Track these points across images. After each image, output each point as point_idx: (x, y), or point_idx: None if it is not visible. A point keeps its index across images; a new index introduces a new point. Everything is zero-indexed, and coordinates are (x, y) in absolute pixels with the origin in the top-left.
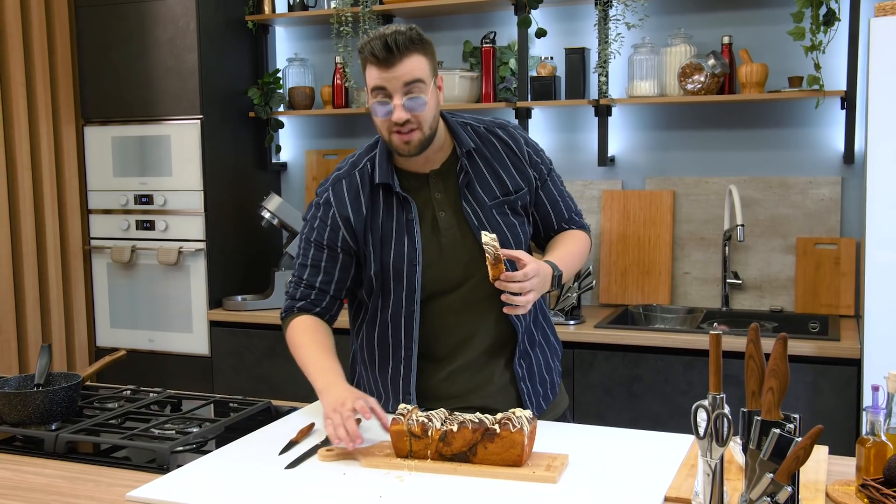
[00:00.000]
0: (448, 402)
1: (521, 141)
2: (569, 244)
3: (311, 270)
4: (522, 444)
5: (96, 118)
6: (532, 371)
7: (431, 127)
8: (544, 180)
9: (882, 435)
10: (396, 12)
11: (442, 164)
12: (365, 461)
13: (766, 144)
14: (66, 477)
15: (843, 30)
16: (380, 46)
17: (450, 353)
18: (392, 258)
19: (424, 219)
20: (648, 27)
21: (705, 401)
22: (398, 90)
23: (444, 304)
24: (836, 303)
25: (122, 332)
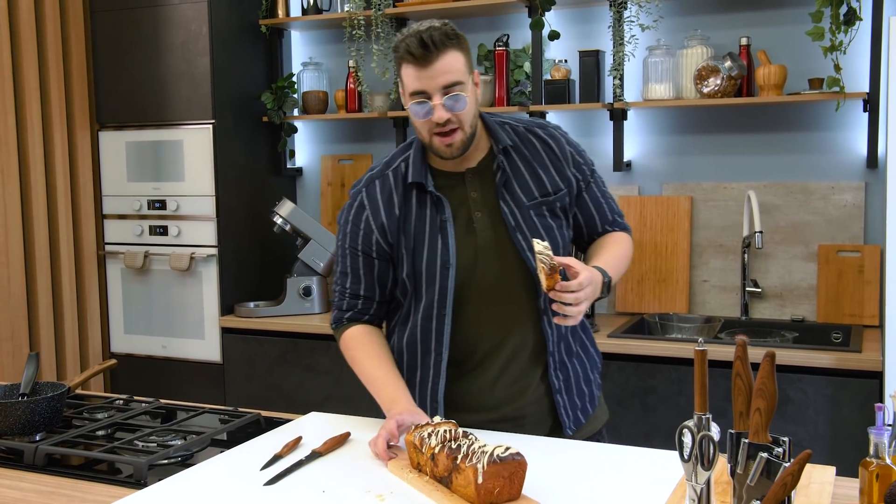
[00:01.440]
0: (479, 413)
1: (563, 141)
2: (614, 247)
3: (352, 278)
4: (474, 484)
5: (111, 123)
6: (569, 383)
7: (472, 125)
8: (587, 182)
9: (887, 458)
10: (409, 15)
11: (478, 163)
12: (391, 464)
13: (785, 148)
14: (42, 491)
15: (865, 29)
16: (415, 44)
17: (481, 361)
18: (424, 260)
19: (459, 219)
20: (663, 29)
21: (691, 421)
22: (437, 89)
23: (476, 309)
24: (860, 312)
25: (136, 338)
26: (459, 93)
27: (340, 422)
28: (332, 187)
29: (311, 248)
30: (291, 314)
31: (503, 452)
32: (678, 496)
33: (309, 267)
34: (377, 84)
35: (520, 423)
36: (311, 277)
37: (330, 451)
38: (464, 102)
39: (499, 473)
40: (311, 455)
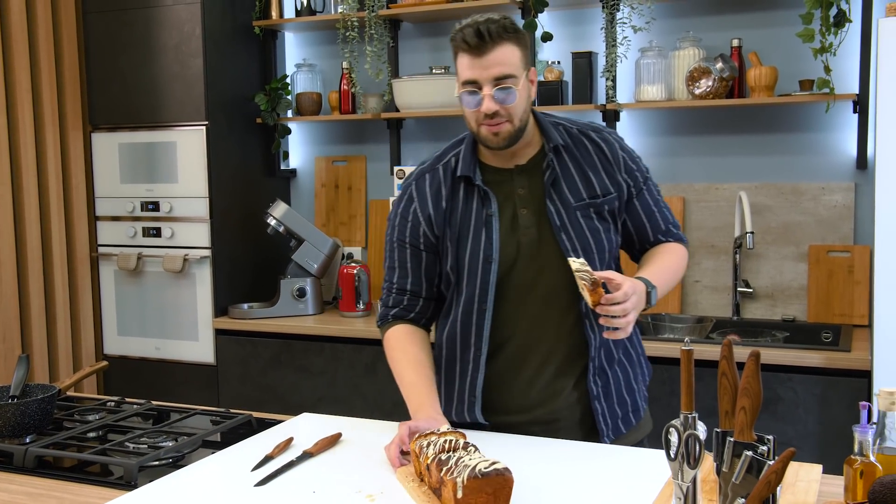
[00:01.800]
0: (513, 414)
1: (616, 145)
2: (664, 258)
3: (399, 273)
4: (451, 501)
5: (104, 125)
6: (609, 390)
7: (522, 119)
8: (640, 189)
9: (871, 455)
10: (403, 17)
11: (528, 160)
12: (399, 472)
13: (776, 149)
14: (31, 493)
15: (854, 31)
16: (472, 34)
17: (516, 360)
18: (468, 253)
19: (504, 215)
20: (656, 30)
21: (677, 420)
22: (488, 80)
23: (514, 306)
24: (850, 312)
25: (130, 339)
26: (511, 86)
27: (332, 423)
28: (325, 189)
29: (305, 250)
30: (285, 315)
31: (487, 467)
32: (666, 495)
33: (303, 268)
34: (371, 85)
35: (553, 427)
36: (304, 279)
37: (321, 452)
38: (514, 96)
39: (481, 489)
40: (302, 456)
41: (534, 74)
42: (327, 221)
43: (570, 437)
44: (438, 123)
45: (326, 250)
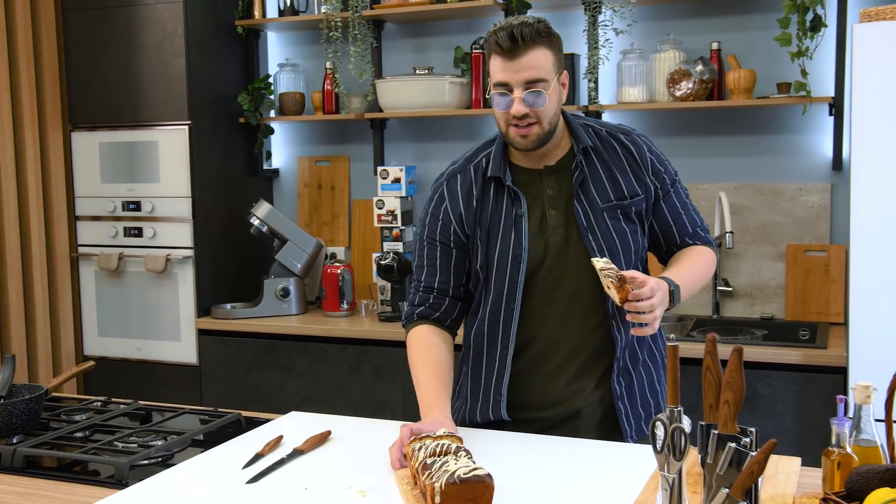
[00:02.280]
0: (536, 411)
1: (644, 148)
2: (690, 260)
3: (427, 271)
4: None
5: (83, 124)
6: (632, 390)
7: (551, 122)
8: (667, 191)
9: (848, 447)
10: (387, 17)
11: (557, 161)
12: (397, 473)
13: (755, 151)
14: (21, 493)
15: (830, 36)
16: (505, 37)
17: (539, 358)
18: (497, 252)
19: (533, 215)
20: (637, 33)
21: (663, 414)
22: (519, 84)
23: (540, 305)
24: (826, 310)
25: (110, 340)
26: (541, 90)
27: (320, 421)
28: (308, 188)
29: (289, 250)
30: (269, 316)
31: (466, 473)
32: (651, 488)
33: (286, 268)
34: (354, 85)
35: (574, 424)
36: (288, 279)
37: (311, 450)
38: (544, 99)
39: (460, 495)
40: (293, 453)
41: (566, 77)
42: (310, 221)
43: (591, 436)
44: (422, 123)
45: (310, 250)
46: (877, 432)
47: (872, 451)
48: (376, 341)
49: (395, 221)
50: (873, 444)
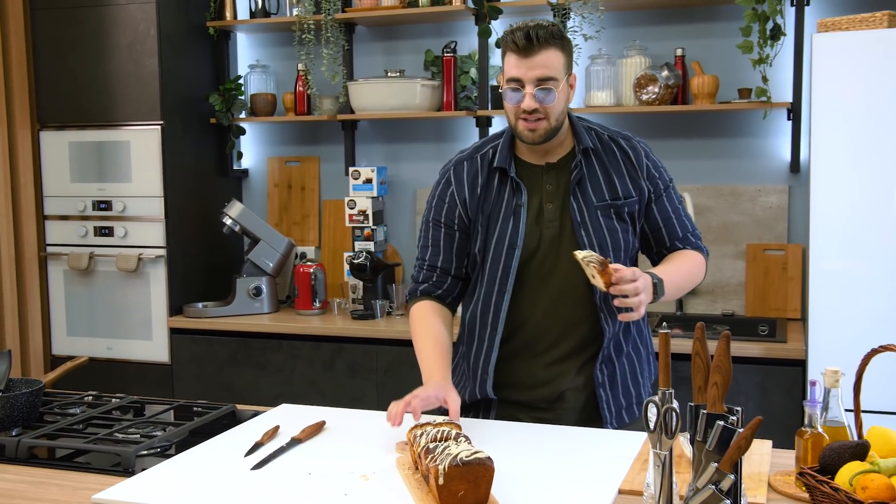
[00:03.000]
0: (519, 391)
1: (642, 153)
2: (677, 260)
3: (431, 251)
4: (434, 489)
5: (52, 123)
6: (614, 379)
7: (558, 119)
8: (660, 195)
9: (819, 427)
10: (359, 21)
11: (559, 159)
12: (398, 460)
13: (717, 153)
14: (30, 482)
15: (788, 44)
16: (521, 36)
17: (528, 344)
18: (495, 238)
19: (532, 206)
20: (605, 39)
21: (656, 396)
22: (531, 80)
23: (532, 293)
24: (784, 306)
25: (79, 339)
26: (552, 88)
27: (313, 412)
28: (278, 188)
29: (261, 249)
30: (241, 314)
31: (468, 456)
32: (636, 470)
33: (258, 267)
34: (325, 87)
35: (556, 408)
36: (260, 278)
37: (309, 438)
38: (553, 97)
39: (463, 477)
40: (292, 442)
41: (574, 79)
42: (280, 221)
43: (573, 420)
44: (392, 125)
45: (282, 249)
46: (843, 413)
47: (841, 430)
48: (350, 339)
49: (366, 221)
50: (841, 423)
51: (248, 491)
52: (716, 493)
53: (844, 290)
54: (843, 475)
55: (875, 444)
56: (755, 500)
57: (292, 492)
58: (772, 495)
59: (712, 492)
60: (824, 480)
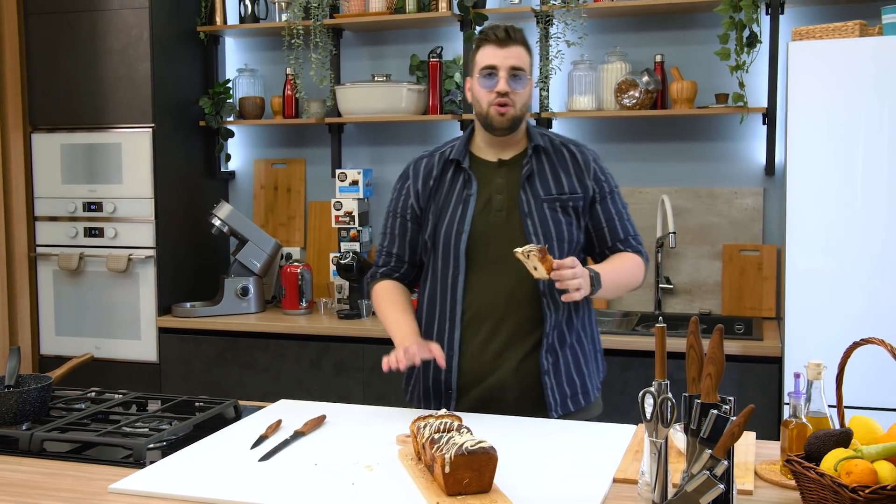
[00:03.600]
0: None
1: (590, 158)
2: (616, 261)
3: (389, 238)
4: (440, 477)
5: (44, 125)
6: (559, 368)
7: (522, 110)
8: (604, 196)
9: (803, 417)
10: (347, 26)
11: (512, 157)
12: (400, 452)
13: (695, 157)
14: (45, 473)
15: (764, 51)
16: (501, 30)
17: (475, 324)
18: (444, 225)
19: (481, 197)
20: (587, 45)
21: (651, 387)
22: (506, 67)
23: (481, 278)
24: (759, 306)
25: (67, 339)
26: (522, 76)
27: (312, 407)
28: (265, 190)
29: (249, 250)
30: (229, 314)
31: (473, 446)
32: (629, 459)
33: (246, 267)
34: (313, 91)
35: (504, 395)
36: (248, 278)
37: (311, 431)
38: (524, 83)
39: (468, 465)
40: (295, 435)
41: (532, 84)
42: (266, 222)
43: (519, 406)
44: (378, 128)
45: (269, 250)
46: (826, 404)
47: (823, 421)
48: (336, 338)
49: (352, 222)
50: (824, 414)
51: (258, 481)
52: (710, 479)
53: (820, 289)
54: (828, 461)
55: (857, 432)
56: (743, 487)
57: (301, 482)
58: (758, 482)
59: (707, 477)
60: (810, 467)
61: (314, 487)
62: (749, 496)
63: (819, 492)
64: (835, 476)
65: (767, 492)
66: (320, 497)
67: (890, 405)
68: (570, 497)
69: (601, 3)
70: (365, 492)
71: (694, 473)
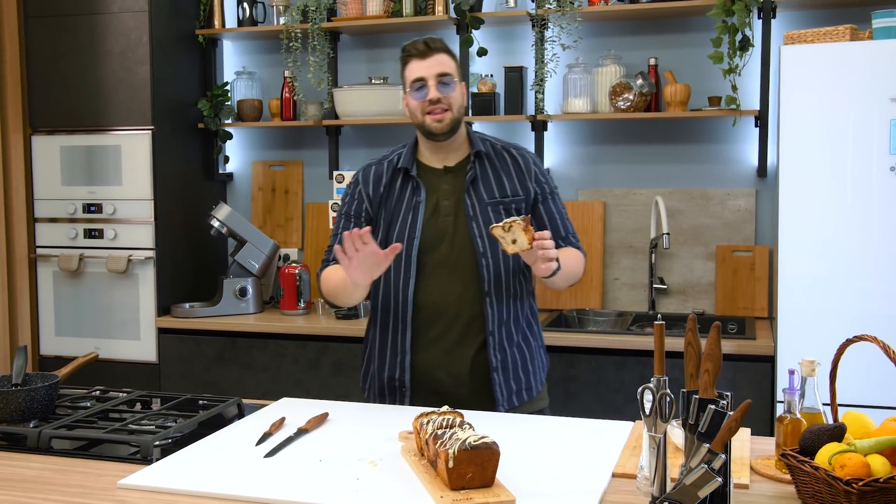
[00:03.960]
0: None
1: (531, 161)
2: (564, 251)
3: (340, 239)
4: (444, 471)
5: (44, 128)
6: (507, 366)
7: (459, 112)
8: (545, 197)
9: (797, 413)
10: (344, 30)
11: (456, 163)
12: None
13: (688, 158)
14: (54, 469)
15: (756, 55)
16: (420, 43)
17: (426, 323)
18: (396, 230)
19: (430, 203)
20: (582, 48)
21: (650, 383)
22: (433, 76)
23: (431, 279)
24: (752, 305)
25: (68, 340)
26: (450, 81)
27: (314, 405)
28: (262, 192)
29: (247, 251)
30: (227, 314)
31: (476, 441)
32: (626, 455)
33: (244, 268)
34: (311, 93)
35: (456, 391)
36: (246, 279)
37: (315, 428)
38: (453, 87)
39: (471, 460)
40: (298, 432)
41: (464, 88)
42: (264, 224)
43: (471, 401)
44: (375, 130)
45: (267, 251)
46: (819, 400)
47: (817, 416)
48: (335, 338)
49: None
50: (817, 410)
51: (264, 476)
52: (708, 472)
53: (811, 289)
54: (823, 455)
55: (850, 427)
56: (739, 480)
57: (306, 477)
58: (754, 477)
59: (705, 471)
60: (805, 461)
61: (319, 483)
62: (745, 490)
63: (814, 485)
64: (829, 469)
65: (763, 485)
66: (326, 492)
67: (882, 403)
68: (571, 491)
69: (596, 6)
70: (369, 487)
71: (692, 467)
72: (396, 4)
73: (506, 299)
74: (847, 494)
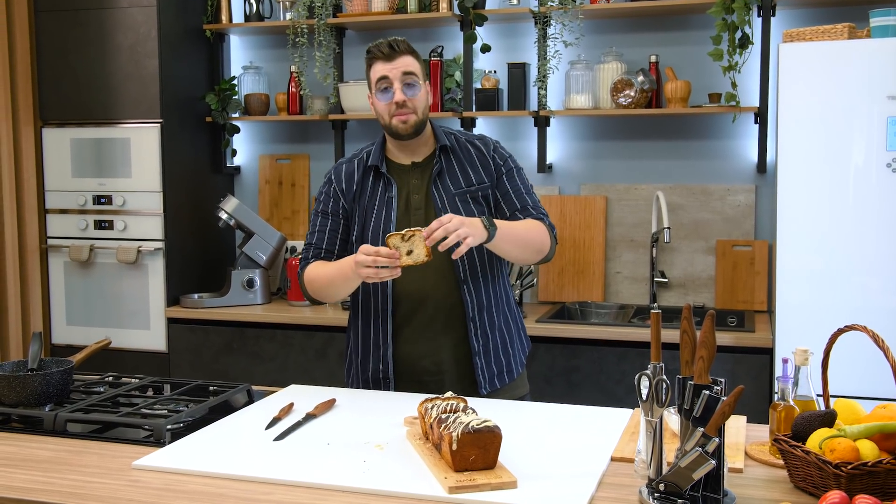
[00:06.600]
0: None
1: (491, 146)
2: (517, 220)
3: (318, 236)
4: (448, 454)
5: (54, 120)
6: (488, 349)
7: (424, 113)
8: (509, 171)
9: (790, 400)
10: (350, 25)
11: (423, 158)
12: (408, 432)
13: (689, 154)
14: (71, 451)
15: (755, 52)
16: (385, 45)
17: (408, 315)
18: (371, 226)
19: (401, 198)
20: (584, 45)
21: (647, 370)
22: (398, 78)
23: (410, 271)
24: (751, 299)
25: (78, 329)
26: (415, 82)
27: (321, 391)
28: (269, 185)
29: (255, 242)
30: (235, 305)
31: (478, 424)
32: (625, 440)
33: (252, 260)
34: (317, 88)
35: (441, 378)
36: (254, 270)
37: (322, 414)
38: (418, 89)
39: (474, 443)
40: (306, 417)
41: (429, 87)
42: (270, 216)
43: (454, 387)
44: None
45: (275, 243)
46: (812, 388)
47: (810, 403)
48: (341, 328)
49: None
50: (809, 398)
51: (274, 459)
52: (702, 455)
53: (810, 283)
54: (814, 440)
55: (841, 413)
56: (734, 465)
57: (315, 460)
58: (748, 462)
59: (699, 453)
60: (797, 445)
61: (327, 465)
62: (739, 474)
63: (805, 468)
64: (819, 454)
65: (757, 470)
66: (334, 474)
67: (873, 394)
68: (571, 474)
69: (598, 4)
70: (376, 469)
71: (687, 450)
72: (401, 1)
73: (483, 284)
74: (836, 477)
